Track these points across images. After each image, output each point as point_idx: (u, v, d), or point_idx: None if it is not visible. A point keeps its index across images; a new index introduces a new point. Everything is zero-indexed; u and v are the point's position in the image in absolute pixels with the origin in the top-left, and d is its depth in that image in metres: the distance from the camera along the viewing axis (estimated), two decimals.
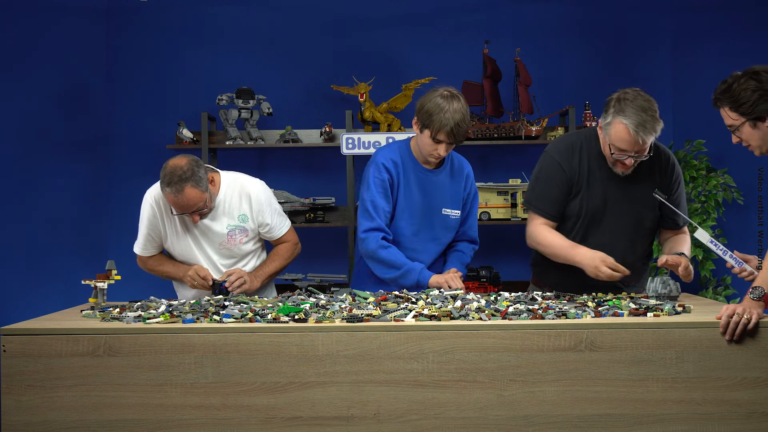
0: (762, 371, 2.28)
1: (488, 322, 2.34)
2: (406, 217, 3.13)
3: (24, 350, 2.31)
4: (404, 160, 3.15)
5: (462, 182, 3.23)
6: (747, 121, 2.48)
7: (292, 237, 3.33)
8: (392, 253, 3.08)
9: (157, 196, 3.13)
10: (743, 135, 2.53)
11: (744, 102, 2.46)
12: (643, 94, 2.79)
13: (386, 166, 3.11)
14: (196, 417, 2.30)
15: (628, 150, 2.79)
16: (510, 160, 5.18)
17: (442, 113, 2.95)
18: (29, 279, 4.89)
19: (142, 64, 5.17)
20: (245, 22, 5.19)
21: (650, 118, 2.73)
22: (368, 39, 5.19)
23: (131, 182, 4.86)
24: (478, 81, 4.96)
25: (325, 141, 4.93)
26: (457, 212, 3.21)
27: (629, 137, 2.75)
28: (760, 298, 2.34)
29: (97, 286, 2.81)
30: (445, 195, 3.18)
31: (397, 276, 3.07)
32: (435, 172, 3.17)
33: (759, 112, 2.45)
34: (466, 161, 3.30)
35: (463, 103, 3.00)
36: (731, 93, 2.48)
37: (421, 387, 2.29)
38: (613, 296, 2.80)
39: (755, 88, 2.43)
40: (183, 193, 2.94)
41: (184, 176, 2.93)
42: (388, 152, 3.17)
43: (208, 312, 2.51)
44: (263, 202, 3.20)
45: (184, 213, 3.02)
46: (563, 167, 2.95)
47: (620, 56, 5.14)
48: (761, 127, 2.47)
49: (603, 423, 2.29)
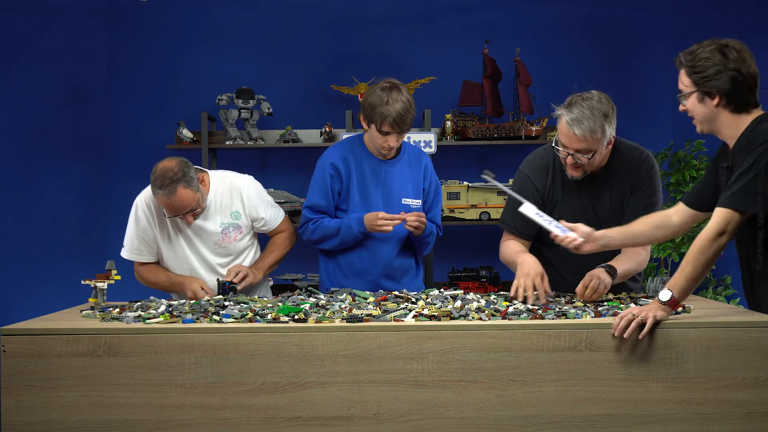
0: (762, 371, 2.28)
1: (488, 322, 2.34)
2: (362, 210, 3.16)
3: (24, 350, 2.31)
4: (356, 154, 3.20)
5: (421, 172, 3.25)
6: (696, 92, 2.38)
7: (288, 226, 3.35)
8: (322, 227, 3.16)
9: (149, 201, 3.13)
10: (689, 105, 2.42)
11: (699, 71, 2.35)
12: (605, 100, 2.72)
13: (334, 164, 3.18)
14: (196, 417, 2.30)
15: (567, 146, 2.77)
16: (510, 160, 5.17)
17: (383, 105, 3.01)
18: (29, 279, 4.89)
19: (142, 63, 5.17)
20: (245, 22, 5.19)
21: (590, 115, 2.67)
22: (368, 39, 5.19)
23: (131, 182, 4.82)
24: (478, 81, 4.96)
25: (325, 141, 4.93)
26: (418, 201, 3.23)
27: (564, 130, 2.73)
28: (666, 302, 2.29)
29: (97, 286, 2.81)
30: (405, 185, 3.21)
31: (339, 242, 3.15)
32: (390, 162, 3.21)
33: (709, 88, 2.35)
34: (423, 153, 3.34)
35: (404, 92, 3.05)
36: (693, 57, 2.37)
37: (421, 387, 2.29)
38: (613, 296, 2.80)
39: (716, 62, 2.32)
40: (176, 195, 2.94)
41: (175, 177, 2.93)
42: (336, 151, 3.24)
43: (208, 312, 2.51)
44: (254, 197, 3.21)
45: (178, 215, 3.02)
46: (535, 183, 2.93)
47: (620, 56, 5.14)
48: (708, 104, 2.37)
49: (603, 423, 2.29)
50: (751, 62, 2.34)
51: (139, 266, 3.23)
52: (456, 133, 4.95)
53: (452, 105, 5.05)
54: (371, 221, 3.09)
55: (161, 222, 3.14)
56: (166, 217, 3.08)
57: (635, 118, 4.99)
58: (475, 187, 4.86)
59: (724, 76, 2.32)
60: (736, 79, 2.32)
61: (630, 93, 5.06)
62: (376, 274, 3.18)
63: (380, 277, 3.19)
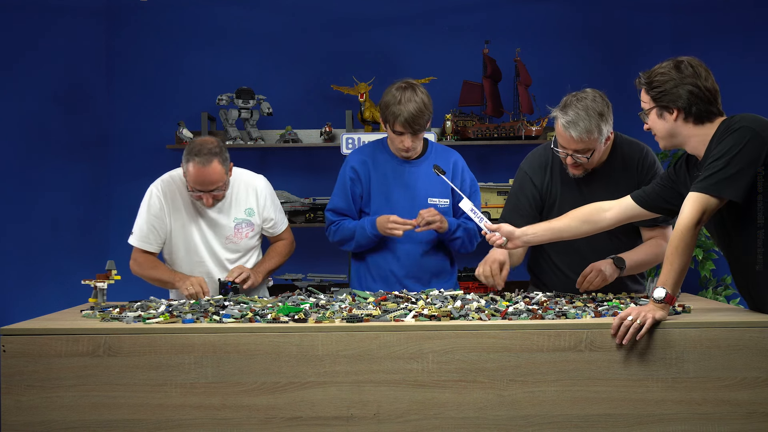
0: (762, 371, 2.28)
1: (488, 322, 2.34)
2: (386, 211, 3.14)
3: (24, 350, 2.31)
4: (377, 157, 3.20)
5: (449, 170, 3.17)
6: (655, 108, 2.41)
7: (290, 235, 3.36)
8: (342, 229, 3.18)
9: (165, 188, 3.14)
10: (650, 121, 2.46)
11: (656, 86, 2.39)
12: (600, 98, 2.74)
13: (354, 167, 3.19)
14: (196, 417, 2.30)
15: (566, 147, 2.78)
16: (510, 160, 5.18)
17: (396, 105, 3.00)
18: (29, 279, 4.88)
19: (142, 64, 5.17)
20: (245, 22, 5.19)
21: (586, 116, 2.69)
22: (368, 39, 5.19)
23: (131, 182, 4.86)
24: (478, 81, 4.96)
25: (325, 141, 4.93)
26: (445, 201, 3.19)
27: (561, 132, 2.75)
28: (662, 300, 2.29)
29: (97, 286, 2.81)
30: (430, 184, 3.17)
31: (356, 244, 3.18)
32: (414, 162, 3.18)
33: (666, 102, 2.38)
34: (452, 151, 3.27)
35: (419, 92, 3.02)
36: (650, 74, 2.41)
37: (421, 387, 2.29)
38: (613, 296, 2.80)
39: (672, 77, 2.36)
40: (210, 166, 2.95)
41: (213, 150, 2.96)
42: (357, 154, 3.25)
43: (208, 312, 2.51)
44: (268, 196, 3.24)
45: (204, 190, 3.01)
46: (534, 181, 2.95)
47: (620, 56, 5.14)
48: (668, 119, 2.40)
49: (603, 423, 2.29)
50: (707, 76, 2.38)
51: (139, 254, 3.19)
52: (456, 133, 4.95)
53: (452, 105, 5.06)
54: (383, 224, 3.07)
55: (176, 210, 3.14)
56: (189, 191, 3.05)
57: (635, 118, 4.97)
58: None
59: (680, 90, 2.36)
60: (692, 92, 2.36)
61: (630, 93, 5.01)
62: (402, 275, 3.15)
63: (406, 279, 3.15)
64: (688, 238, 2.29)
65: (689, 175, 2.50)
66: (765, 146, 2.29)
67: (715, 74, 2.44)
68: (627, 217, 2.63)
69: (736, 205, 2.35)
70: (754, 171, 2.30)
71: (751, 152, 2.28)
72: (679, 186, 2.53)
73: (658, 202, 2.58)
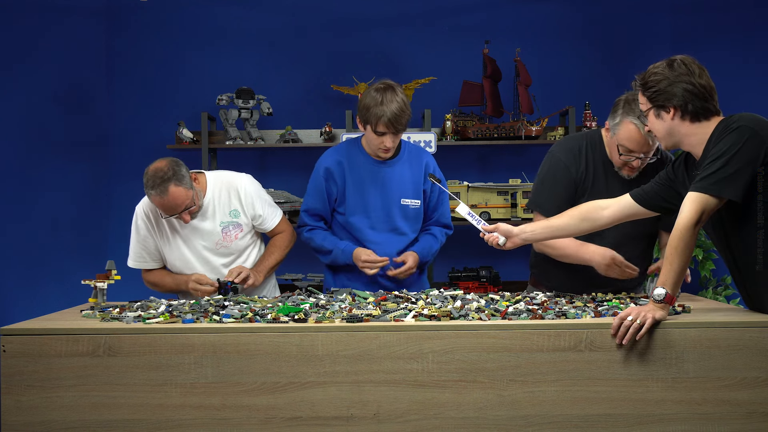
0: (762, 371, 2.28)
1: (488, 322, 2.34)
2: (359, 212, 3.18)
3: (24, 350, 2.31)
4: (351, 158, 3.21)
5: (421, 170, 3.23)
6: (652, 108, 2.42)
7: (287, 227, 3.36)
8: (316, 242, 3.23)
9: (147, 209, 3.16)
10: (649, 122, 2.46)
11: (651, 86, 2.39)
12: None
13: (329, 168, 3.21)
14: (196, 417, 2.30)
15: (637, 150, 2.78)
16: (510, 160, 5.18)
17: (377, 106, 3.02)
18: (29, 279, 4.88)
19: (142, 63, 5.17)
20: (245, 22, 5.19)
21: None
22: (368, 39, 5.19)
23: (131, 182, 4.85)
24: (478, 81, 4.96)
25: (325, 141, 4.93)
26: (417, 202, 3.23)
27: (639, 137, 2.74)
28: (662, 300, 2.30)
29: (97, 286, 2.81)
30: (404, 185, 3.21)
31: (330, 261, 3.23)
32: (389, 163, 3.21)
33: (661, 101, 2.38)
34: (424, 151, 3.33)
35: (399, 92, 3.06)
36: (645, 75, 2.42)
37: (421, 387, 2.29)
38: (612, 296, 2.80)
39: (666, 76, 2.37)
40: (168, 194, 2.95)
41: (166, 176, 2.95)
42: (331, 154, 3.27)
43: (208, 312, 2.51)
44: (252, 194, 3.22)
45: (174, 214, 3.03)
46: (569, 168, 2.94)
47: (620, 56, 5.14)
48: (665, 118, 2.40)
49: (603, 423, 2.29)
50: (701, 73, 2.38)
51: (146, 273, 3.27)
52: (456, 133, 4.95)
53: (452, 105, 5.05)
54: (357, 258, 3.14)
55: (160, 228, 3.16)
56: (162, 218, 3.08)
57: None
58: (476, 187, 4.86)
59: (675, 89, 2.36)
60: (687, 89, 2.36)
61: None
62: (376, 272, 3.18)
63: (379, 276, 3.19)
64: (688, 237, 2.29)
65: (687, 174, 2.50)
66: (764, 145, 2.29)
67: (715, 74, 2.44)
68: (625, 215, 2.63)
69: (735, 205, 2.35)
70: (753, 170, 2.30)
71: (749, 151, 2.28)
72: (678, 185, 2.53)
73: (656, 200, 2.58)
